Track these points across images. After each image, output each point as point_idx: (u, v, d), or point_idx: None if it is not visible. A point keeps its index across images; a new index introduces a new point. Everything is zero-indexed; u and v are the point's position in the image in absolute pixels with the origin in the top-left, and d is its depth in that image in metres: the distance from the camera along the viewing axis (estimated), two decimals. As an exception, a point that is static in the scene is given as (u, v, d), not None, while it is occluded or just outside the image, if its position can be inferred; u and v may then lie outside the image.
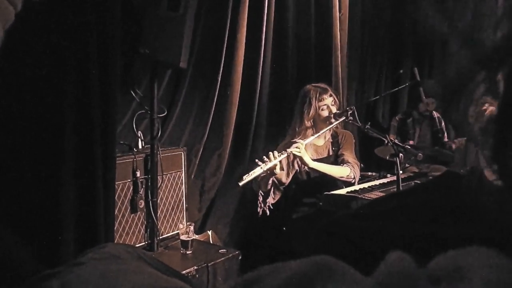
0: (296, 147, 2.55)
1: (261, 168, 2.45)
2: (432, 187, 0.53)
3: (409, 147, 2.52)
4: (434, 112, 4.03)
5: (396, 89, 3.33)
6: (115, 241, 2.43)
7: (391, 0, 4.31)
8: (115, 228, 2.40)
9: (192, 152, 3.10)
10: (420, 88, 3.38)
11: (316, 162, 2.66)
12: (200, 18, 2.97)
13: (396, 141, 3.78)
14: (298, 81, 3.43)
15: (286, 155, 2.55)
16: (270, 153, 2.52)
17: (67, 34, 1.90)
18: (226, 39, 3.09)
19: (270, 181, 2.69)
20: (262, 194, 2.73)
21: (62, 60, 1.90)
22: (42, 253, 1.90)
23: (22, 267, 1.56)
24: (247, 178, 2.41)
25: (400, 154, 2.39)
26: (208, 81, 3.13)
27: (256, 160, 2.54)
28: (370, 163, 3.81)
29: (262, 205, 2.70)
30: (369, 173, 3.58)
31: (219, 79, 3.11)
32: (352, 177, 2.71)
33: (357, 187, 2.72)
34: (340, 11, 3.82)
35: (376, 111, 4.50)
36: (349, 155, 2.76)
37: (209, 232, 3.06)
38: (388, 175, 3.26)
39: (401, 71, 3.85)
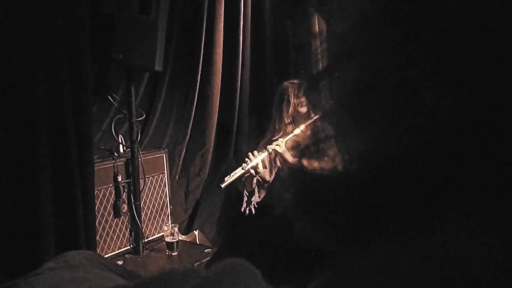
0: (277, 145, 2.57)
1: (242, 168, 2.47)
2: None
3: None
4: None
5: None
6: (100, 246, 2.44)
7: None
8: (98, 233, 2.41)
9: (175, 154, 3.11)
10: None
11: (296, 159, 2.67)
12: (176, 19, 2.96)
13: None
14: (278, 77, 3.43)
15: (266, 154, 2.56)
16: (250, 153, 2.54)
17: (35, 41, 1.90)
18: (203, 39, 3.09)
19: (255, 180, 2.70)
20: (247, 194, 2.74)
21: (32, 67, 1.90)
22: (21, 261, 1.91)
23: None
24: (228, 179, 2.43)
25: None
26: (187, 82, 3.13)
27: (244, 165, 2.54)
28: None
29: (247, 204, 2.72)
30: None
31: (199, 80, 3.11)
32: (334, 169, 2.71)
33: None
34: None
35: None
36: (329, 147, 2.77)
37: (196, 232, 3.08)
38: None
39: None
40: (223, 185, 2.50)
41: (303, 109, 2.75)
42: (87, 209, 2.14)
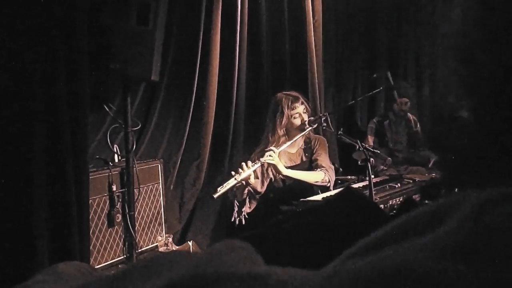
0: (270, 155, 2.58)
1: (235, 179, 2.47)
2: (330, 207, 0.56)
3: (378, 151, 2.56)
4: (409, 114, 4.09)
5: (371, 93, 3.40)
6: (93, 256, 2.44)
7: (364, 7, 4.38)
8: (92, 243, 2.40)
9: (170, 164, 3.12)
10: (394, 91, 3.46)
11: (290, 170, 2.69)
12: (173, 30, 2.99)
13: (371, 143, 3.84)
14: (274, 89, 3.47)
15: (259, 164, 2.58)
16: (243, 163, 2.55)
17: (33, 52, 1.91)
18: (200, 50, 3.12)
19: (246, 191, 2.71)
20: (238, 203, 2.75)
21: (29, 76, 1.91)
22: (15, 270, 1.90)
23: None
24: (221, 190, 2.43)
25: (371, 159, 2.44)
26: (183, 92, 3.16)
27: (232, 173, 2.55)
28: (350, 166, 3.85)
29: (237, 214, 2.72)
30: (348, 177, 3.61)
31: (195, 90, 3.14)
32: (327, 181, 2.73)
33: (333, 192, 2.75)
34: (313, 18, 3.87)
35: (354, 116, 4.55)
36: (323, 160, 2.79)
37: (190, 243, 3.08)
38: (367, 178, 3.29)
39: (375, 75, 3.93)
40: (215, 196, 2.50)
41: (297, 122, 2.77)
42: (81, 218, 2.14)
